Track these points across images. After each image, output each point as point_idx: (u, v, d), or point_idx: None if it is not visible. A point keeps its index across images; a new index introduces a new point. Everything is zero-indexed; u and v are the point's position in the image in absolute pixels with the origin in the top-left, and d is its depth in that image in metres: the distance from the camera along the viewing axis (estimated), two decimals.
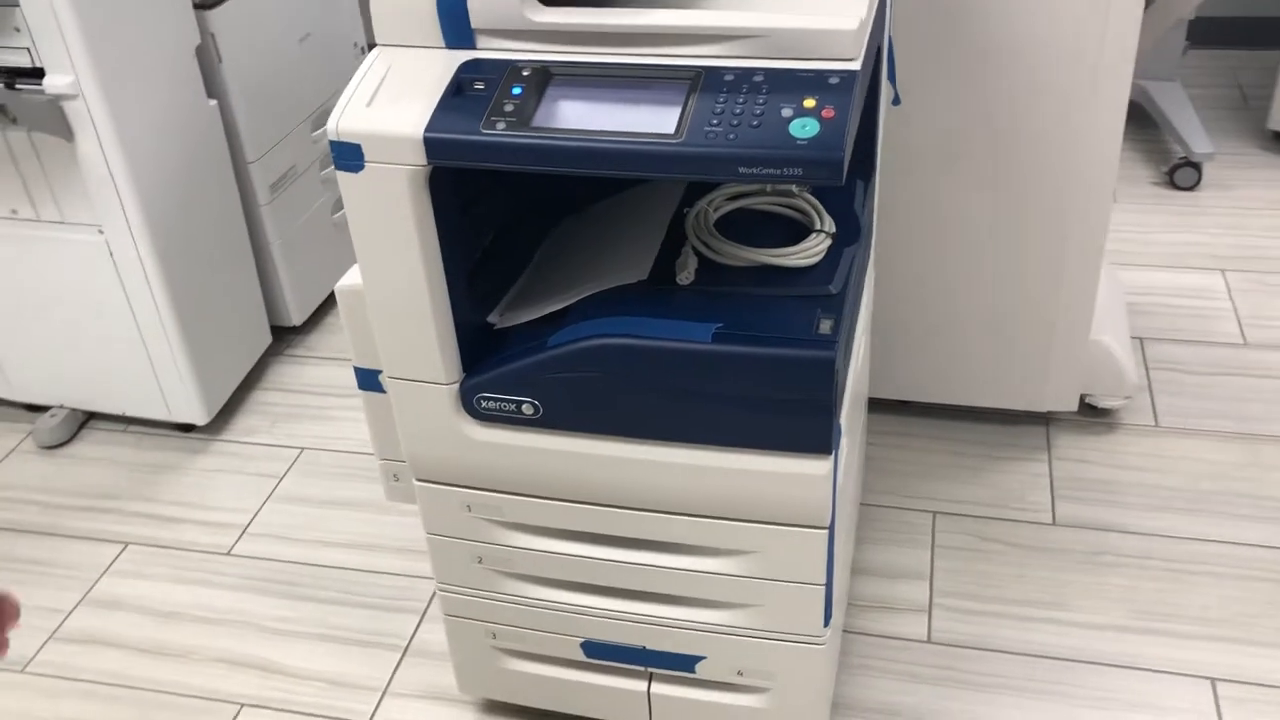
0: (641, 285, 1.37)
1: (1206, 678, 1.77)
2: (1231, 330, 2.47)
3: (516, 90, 1.19)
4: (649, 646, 1.56)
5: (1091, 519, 2.05)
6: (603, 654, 1.59)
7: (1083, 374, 2.13)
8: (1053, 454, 2.19)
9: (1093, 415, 2.25)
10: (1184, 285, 2.62)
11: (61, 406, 2.45)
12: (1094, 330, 2.11)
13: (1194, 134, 2.96)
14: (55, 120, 2.01)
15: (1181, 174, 2.95)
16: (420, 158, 1.19)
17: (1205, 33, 3.42)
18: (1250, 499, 2.07)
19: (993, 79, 1.85)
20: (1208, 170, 2.96)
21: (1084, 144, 1.87)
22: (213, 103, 2.27)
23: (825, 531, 1.38)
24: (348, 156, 1.22)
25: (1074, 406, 2.17)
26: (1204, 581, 1.92)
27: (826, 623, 1.47)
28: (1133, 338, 2.39)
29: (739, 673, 1.54)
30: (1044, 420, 2.26)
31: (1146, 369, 2.37)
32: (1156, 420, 2.25)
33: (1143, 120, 3.11)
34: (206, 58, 2.25)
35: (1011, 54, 1.82)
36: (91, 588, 2.10)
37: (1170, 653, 1.81)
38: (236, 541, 2.18)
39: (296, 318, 2.64)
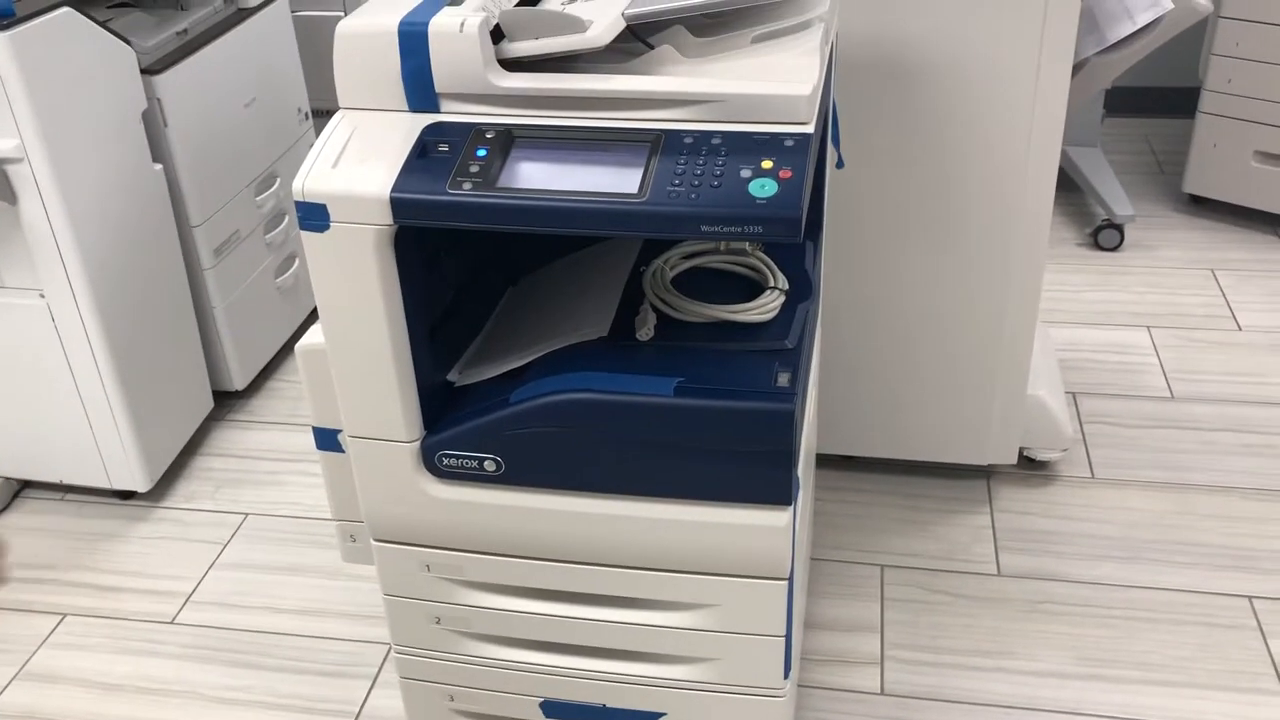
0: (601, 342, 1.40)
1: None
2: (1159, 384, 2.56)
3: (481, 152, 1.22)
4: (609, 704, 1.56)
5: (1034, 569, 2.10)
6: (562, 713, 1.58)
7: (1021, 428, 2.20)
8: (994, 506, 2.25)
9: (1031, 468, 2.32)
10: (1112, 342, 2.72)
11: None
12: (1030, 385, 2.17)
13: (1115, 197, 3.10)
14: None
15: (1105, 235, 3.07)
16: (386, 217, 1.21)
17: (1121, 102, 3.59)
18: (1182, 545, 2.14)
19: (932, 145, 1.92)
20: (1129, 231, 3.09)
21: (1019, 206, 1.95)
22: (158, 167, 2.27)
23: (785, 582, 1.40)
24: (313, 216, 1.23)
25: (1013, 459, 2.23)
26: (1142, 627, 1.98)
27: (786, 674, 1.49)
28: (1066, 392, 2.46)
29: None
30: (985, 473, 2.31)
31: (1080, 422, 2.45)
32: (1092, 472, 2.32)
33: (1066, 184, 3.24)
34: (153, 122, 2.25)
35: (950, 121, 1.90)
36: (28, 661, 2.04)
37: (1113, 697, 1.85)
38: (180, 610, 2.13)
39: (239, 382, 2.61)
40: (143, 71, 2.21)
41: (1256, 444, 2.37)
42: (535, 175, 1.20)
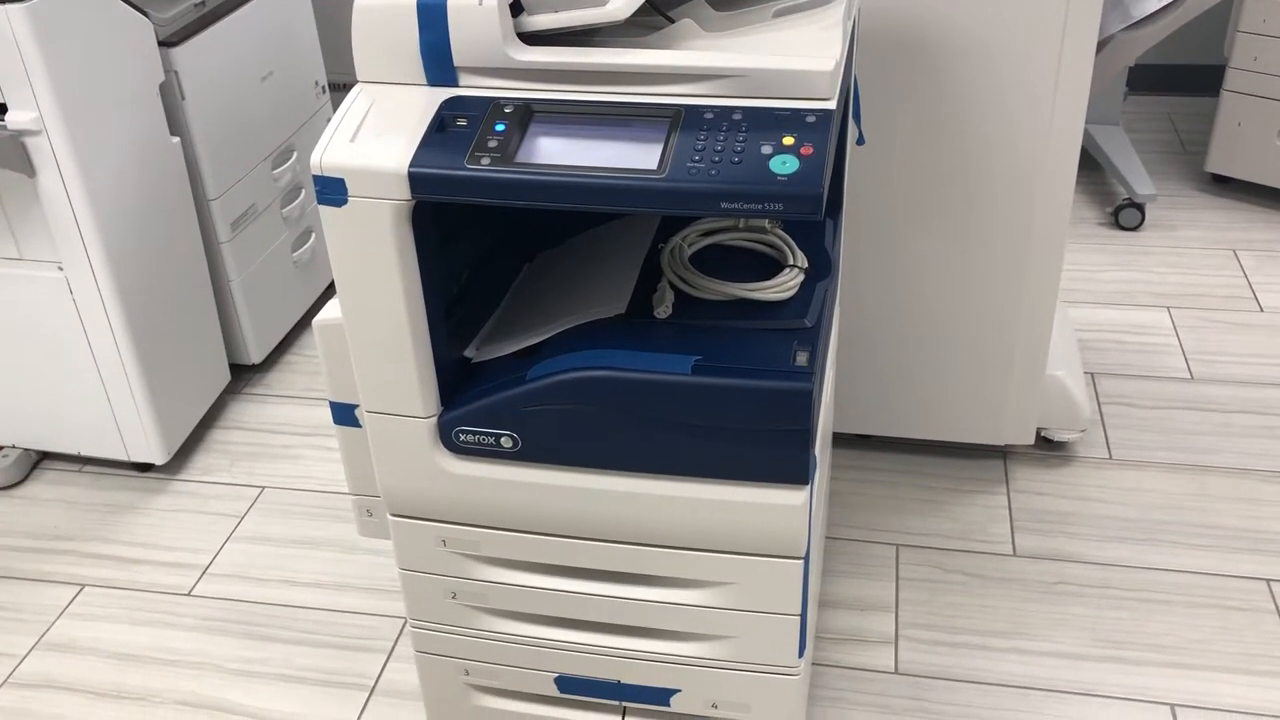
0: (619, 319, 1.39)
1: (1165, 703, 1.80)
2: (1178, 365, 2.55)
3: (500, 127, 1.21)
4: (623, 680, 1.56)
5: (1050, 550, 2.09)
6: (577, 689, 1.59)
7: (1039, 408, 2.18)
8: (1011, 486, 2.24)
9: (1048, 448, 2.31)
10: (1131, 322, 2.70)
11: (14, 446, 2.41)
12: (1049, 366, 2.16)
13: (1136, 176, 3.06)
14: (17, 156, 1.99)
15: (1125, 214, 3.05)
16: (404, 192, 1.20)
17: (1144, 79, 3.55)
18: (1199, 528, 2.12)
19: (953, 122, 1.90)
20: (1150, 211, 3.06)
21: (1040, 184, 1.93)
22: (175, 140, 2.27)
23: (801, 561, 1.39)
24: (331, 191, 1.22)
25: (1031, 440, 2.22)
26: (1158, 609, 1.97)
27: (801, 653, 1.49)
28: (1085, 373, 2.45)
29: (714, 705, 1.55)
30: (1001, 454, 2.30)
31: (1099, 403, 2.44)
32: (1110, 453, 2.31)
33: (1087, 163, 3.20)
34: (170, 95, 2.24)
35: (972, 98, 1.88)
36: (47, 630, 2.05)
37: (1129, 679, 1.85)
38: (197, 582, 2.14)
39: (256, 356, 2.62)
40: (160, 43, 2.20)
41: (1276, 426, 2.36)
42: (554, 150, 1.20)
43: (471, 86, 1.25)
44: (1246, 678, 1.84)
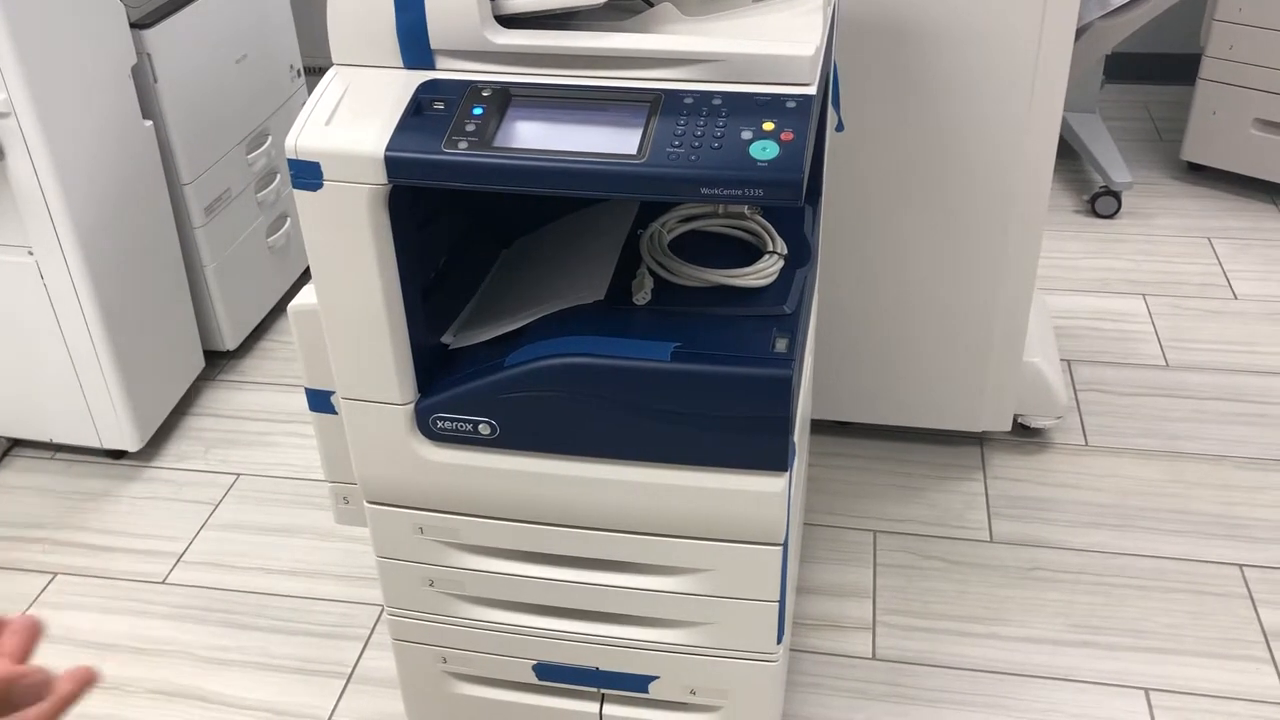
0: (598, 305, 1.38)
1: (1140, 688, 1.82)
2: (1153, 352, 2.56)
3: (477, 110, 1.20)
4: (601, 667, 1.56)
5: (1027, 536, 2.10)
6: (555, 676, 1.58)
7: (1016, 395, 2.19)
8: (988, 473, 2.25)
9: (1025, 435, 2.32)
10: (1107, 309, 2.71)
11: None
12: (1026, 353, 2.17)
13: (1113, 164, 3.08)
14: None
15: (1102, 202, 3.06)
16: (381, 176, 1.19)
17: (1121, 68, 3.57)
18: (1174, 514, 2.14)
19: (932, 109, 1.90)
20: (1127, 199, 3.07)
21: (1018, 172, 1.94)
22: (148, 123, 2.24)
23: (779, 548, 1.39)
24: (306, 175, 1.21)
25: (1008, 426, 2.23)
26: (1133, 595, 1.98)
27: (779, 639, 1.49)
28: (1061, 360, 2.46)
29: (692, 692, 1.55)
30: (979, 440, 2.31)
31: (1075, 390, 2.45)
32: (1086, 439, 2.32)
33: (1064, 151, 3.22)
34: (142, 77, 2.22)
35: (950, 85, 1.88)
36: None
37: (1105, 664, 1.86)
38: (171, 570, 2.13)
39: (230, 342, 2.60)
40: (132, 25, 2.17)
41: (1250, 413, 2.38)
42: (532, 135, 1.18)
43: (448, 70, 1.24)
44: (1220, 662, 1.86)
